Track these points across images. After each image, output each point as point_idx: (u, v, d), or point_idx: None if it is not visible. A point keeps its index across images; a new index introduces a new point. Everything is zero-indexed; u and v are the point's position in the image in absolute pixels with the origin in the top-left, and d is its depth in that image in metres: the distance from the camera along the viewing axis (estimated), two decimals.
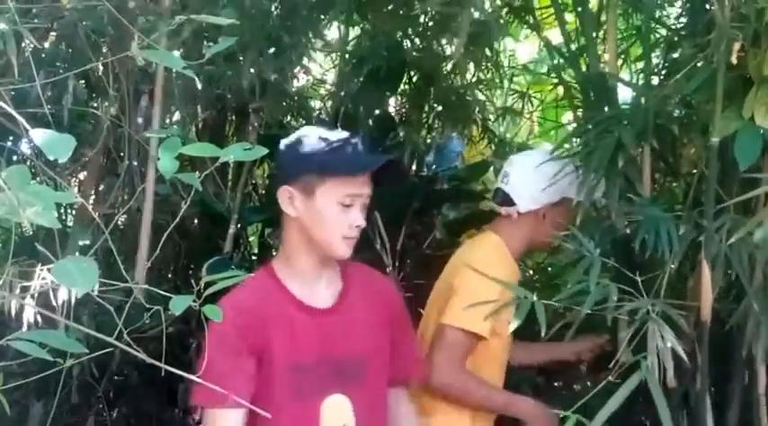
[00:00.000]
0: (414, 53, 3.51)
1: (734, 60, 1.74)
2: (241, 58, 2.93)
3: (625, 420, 2.50)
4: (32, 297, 1.74)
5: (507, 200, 2.20)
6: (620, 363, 1.77)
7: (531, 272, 3.38)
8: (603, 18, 2.70)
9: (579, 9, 2.46)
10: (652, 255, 1.89)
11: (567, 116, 3.73)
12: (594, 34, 2.46)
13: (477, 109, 3.67)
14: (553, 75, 3.08)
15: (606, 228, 2.08)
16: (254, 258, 3.82)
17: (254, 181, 3.93)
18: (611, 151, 1.98)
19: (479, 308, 1.94)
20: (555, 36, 3.03)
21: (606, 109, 2.23)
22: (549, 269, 3.33)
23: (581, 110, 2.67)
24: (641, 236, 1.87)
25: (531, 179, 2.17)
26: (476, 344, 2.09)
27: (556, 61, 2.90)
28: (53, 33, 2.65)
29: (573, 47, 2.62)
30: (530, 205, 2.18)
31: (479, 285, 2.02)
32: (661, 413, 1.58)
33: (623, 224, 2.03)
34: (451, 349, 2.05)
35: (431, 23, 3.36)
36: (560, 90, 3.09)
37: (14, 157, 2.81)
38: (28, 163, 2.68)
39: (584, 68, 2.55)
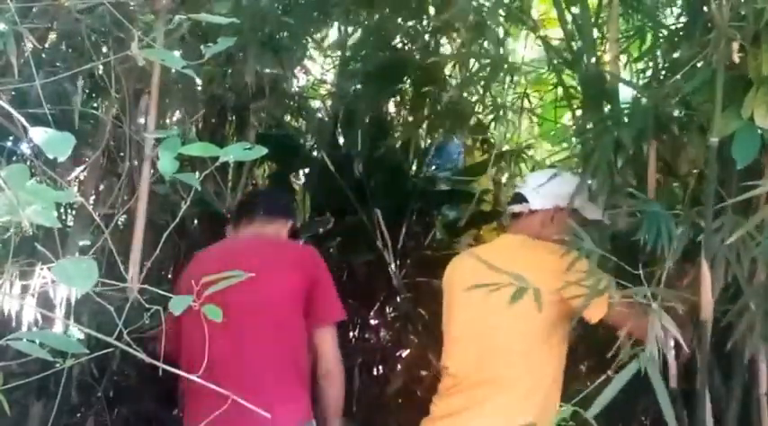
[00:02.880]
0: (413, 53, 3.51)
1: (735, 59, 1.75)
2: (239, 55, 2.93)
3: (625, 418, 2.50)
4: (32, 296, 1.74)
5: (521, 199, 2.38)
6: (620, 358, 1.77)
7: None
8: (603, 16, 2.71)
9: (577, 9, 2.47)
10: (650, 254, 1.90)
11: (567, 116, 3.73)
12: (594, 34, 2.46)
13: (476, 109, 3.67)
14: (552, 75, 3.07)
15: (605, 226, 2.10)
16: None
17: (254, 181, 3.94)
18: (611, 151, 1.99)
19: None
20: (555, 35, 3.02)
21: (606, 109, 2.25)
22: None
23: (580, 110, 2.67)
24: (644, 233, 1.88)
25: (544, 181, 2.37)
26: None
27: (555, 62, 2.89)
28: (53, 33, 2.65)
29: (574, 46, 2.62)
30: (540, 204, 2.34)
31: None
32: (661, 401, 1.57)
33: (623, 221, 2.04)
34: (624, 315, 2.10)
35: (430, 24, 3.37)
36: (560, 90, 3.07)
37: (14, 157, 2.81)
38: (28, 163, 2.68)
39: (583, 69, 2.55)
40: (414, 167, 3.78)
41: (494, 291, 2.14)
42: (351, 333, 3.73)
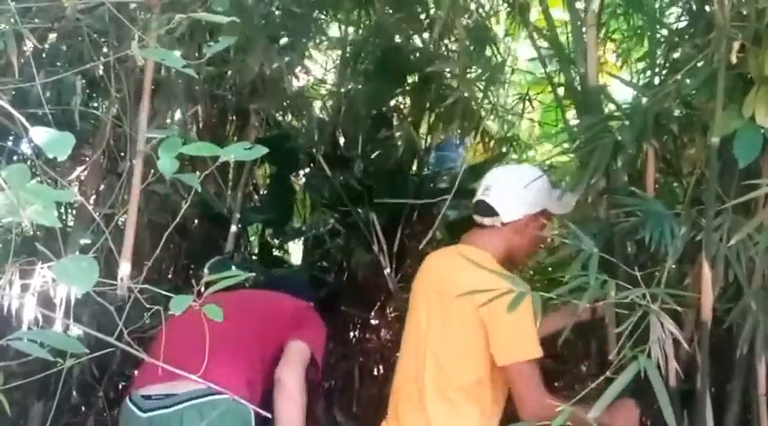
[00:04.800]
0: (415, 52, 3.51)
1: (734, 60, 1.74)
2: (232, 54, 2.94)
3: None
4: (33, 295, 1.74)
5: (490, 211, 2.24)
6: (620, 359, 1.76)
7: (531, 272, 3.38)
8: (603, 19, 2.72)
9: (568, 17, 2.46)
10: (651, 253, 1.89)
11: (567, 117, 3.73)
12: (582, 42, 2.44)
13: (476, 108, 3.67)
14: (547, 78, 3.08)
15: (605, 225, 2.10)
16: (254, 258, 3.82)
17: (254, 181, 3.94)
18: (611, 150, 1.99)
19: (528, 333, 2.02)
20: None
21: (595, 111, 2.25)
22: (550, 269, 3.34)
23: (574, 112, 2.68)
24: (647, 232, 1.88)
25: (514, 190, 2.24)
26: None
27: (549, 67, 2.91)
28: (53, 33, 2.65)
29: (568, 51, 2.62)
30: (512, 215, 2.23)
31: (517, 314, 1.91)
32: (661, 403, 1.57)
33: (622, 221, 2.04)
34: (533, 382, 2.06)
35: (431, 23, 3.37)
36: (558, 92, 3.08)
37: (15, 157, 2.81)
38: (29, 163, 2.68)
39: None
40: (414, 167, 3.78)
41: (432, 303, 2.19)
42: (351, 333, 3.73)
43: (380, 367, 3.62)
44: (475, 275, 2.00)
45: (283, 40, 3.13)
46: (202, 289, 1.54)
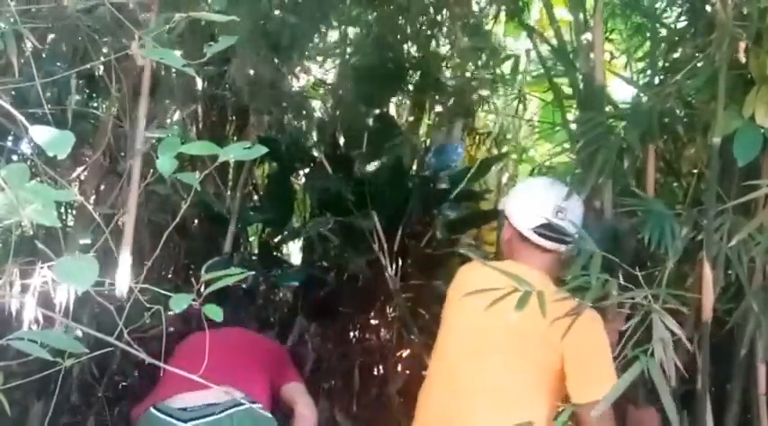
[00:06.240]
0: (414, 52, 3.52)
1: (742, 59, 1.75)
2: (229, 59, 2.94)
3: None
4: (33, 295, 1.74)
5: (565, 238, 2.06)
6: (621, 358, 1.76)
7: None
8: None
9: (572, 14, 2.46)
10: (651, 254, 1.89)
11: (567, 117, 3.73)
12: (585, 38, 2.43)
13: (476, 107, 3.68)
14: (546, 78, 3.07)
15: (606, 225, 2.10)
16: (254, 258, 3.82)
17: (254, 181, 3.94)
18: (615, 150, 1.99)
19: (610, 366, 1.89)
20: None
21: (597, 111, 2.25)
22: None
23: (575, 112, 2.68)
24: (647, 232, 1.87)
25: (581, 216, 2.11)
26: None
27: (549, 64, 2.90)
28: (52, 34, 2.65)
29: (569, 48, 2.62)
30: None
31: (603, 347, 1.92)
32: (665, 402, 1.57)
33: (623, 221, 2.04)
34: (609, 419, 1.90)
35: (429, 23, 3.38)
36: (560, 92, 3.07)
37: (14, 157, 2.81)
38: (29, 162, 2.68)
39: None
40: (414, 167, 3.78)
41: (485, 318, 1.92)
42: (351, 333, 3.73)
43: (380, 367, 3.62)
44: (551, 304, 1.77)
45: (283, 41, 3.13)
46: (202, 289, 1.54)
